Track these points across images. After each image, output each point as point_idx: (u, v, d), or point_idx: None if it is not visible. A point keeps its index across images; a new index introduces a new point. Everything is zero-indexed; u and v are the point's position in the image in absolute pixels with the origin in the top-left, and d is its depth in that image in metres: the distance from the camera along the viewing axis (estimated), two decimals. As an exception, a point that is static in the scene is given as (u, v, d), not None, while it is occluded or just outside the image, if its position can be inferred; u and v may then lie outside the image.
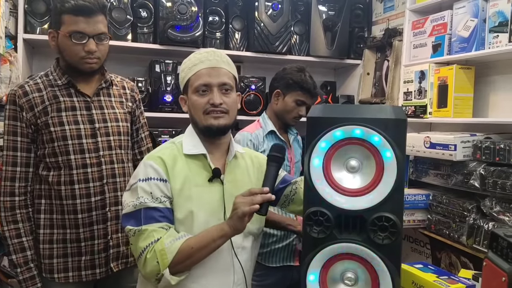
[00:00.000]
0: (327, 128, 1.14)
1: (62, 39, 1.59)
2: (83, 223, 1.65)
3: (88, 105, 1.67)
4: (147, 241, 1.24)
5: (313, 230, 1.14)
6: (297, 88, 2.07)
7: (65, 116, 1.62)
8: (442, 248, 2.35)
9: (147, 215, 1.26)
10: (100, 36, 1.60)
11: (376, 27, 3.17)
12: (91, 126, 1.66)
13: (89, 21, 1.57)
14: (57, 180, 1.62)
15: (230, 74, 1.38)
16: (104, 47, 1.64)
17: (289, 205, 1.51)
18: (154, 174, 1.30)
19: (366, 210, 1.11)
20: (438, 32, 2.37)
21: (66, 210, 1.63)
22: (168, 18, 2.67)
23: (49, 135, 1.60)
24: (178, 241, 1.23)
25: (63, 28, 1.58)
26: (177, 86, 2.73)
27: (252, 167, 1.47)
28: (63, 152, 1.61)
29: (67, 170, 1.62)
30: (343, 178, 1.16)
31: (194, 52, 1.43)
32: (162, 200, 1.28)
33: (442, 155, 2.10)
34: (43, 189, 1.65)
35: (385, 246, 1.11)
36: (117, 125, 1.72)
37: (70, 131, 1.62)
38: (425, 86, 2.38)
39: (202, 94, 1.34)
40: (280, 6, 2.90)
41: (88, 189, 1.64)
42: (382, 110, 1.15)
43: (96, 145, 1.66)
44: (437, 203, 2.22)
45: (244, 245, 1.38)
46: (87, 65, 1.61)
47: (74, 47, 1.58)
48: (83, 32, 1.56)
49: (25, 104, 1.60)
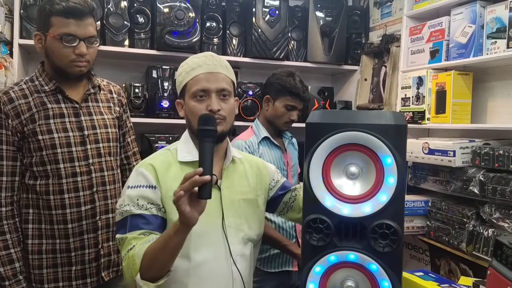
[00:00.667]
0: (326, 134, 1.12)
1: (51, 41, 1.54)
2: (73, 232, 1.61)
3: (77, 111, 1.63)
4: (126, 249, 1.22)
5: (312, 238, 1.12)
6: (286, 93, 2.07)
7: (53, 124, 1.57)
8: (441, 255, 2.33)
9: (132, 223, 1.24)
10: (90, 39, 1.57)
11: (374, 33, 3.17)
12: (80, 134, 1.61)
13: (80, 23, 1.53)
14: (46, 190, 1.58)
15: (229, 79, 1.36)
16: (93, 50, 1.60)
17: (288, 212, 1.49)
18: (143, 181, 1.28)
19: (366, 217, 1.10)
20: (436, 38, 2.36)
21: (56, 220, 1.59)
22: (165, 23, 2.66)
23: (37, 143, 1.55)
24: (145, 245, 1.19)
25: (52, 30, 1.53)
26: (174, 92, 2.72)
27: (250, 172, 1.44)
28: (52, 161, 1.56)
29: (56, 179, 1.57)
30: (343, 184, 1.14)
31: (191, 56, 1.39)
32: (147, 207, 1.26)
33: (441, 161, 2.09)
34: (31, 198, 1.60)
35: (386, 254, 1.09)
36: (106, 132, 1.69)
37: (59, 139, 1.57)
38: (423, 92, 2.38)
39: (199, 100, 1.31)
40: (277, 12, 2.90)
41: (78, 198, 1.60)
42: (382, 116, 1.13)
43: (85, 153, 1.62)
44: (436, 210, 2.21)
45: (243, 253, 1.35)
46: (76, 69, 1.57)
47: (64, 50, 1.53)
48: (74, 35, 1.52)
49: (11, 111, 1.54)
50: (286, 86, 2.06)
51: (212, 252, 1.29)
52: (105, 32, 2.61)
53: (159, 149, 2.59)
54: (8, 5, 2.40)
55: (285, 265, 2.09)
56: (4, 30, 2.25)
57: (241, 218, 1.36)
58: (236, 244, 1.32)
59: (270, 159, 2.08)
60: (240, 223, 1.35)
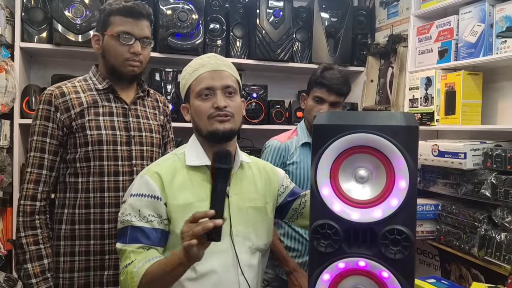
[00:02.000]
0: (334, 136, 1.08)
1: (108, 40, 1.57)
2: (109, 234, 1.57)
3: (125, 112, 1.64)
4: (124, 262, 1.20)
5: (320, 244, 1.08)
6: (313, 85, 1.94)
7: (102, 121, 1.59)
8: (452, 260, 2.27)
9: (132, 235, 1.21)
10: (145, 40, 1.60)
11: (380, 34, 3.13)
12: (126, 134, 1.62)
13: (137, 23, 1.57)
14: (86, 187, 1.56)
15: (233, 77, 1.32)
16: (147, 52, 1.63)
17: (297, 219, 1.45)
18: (146, 191, 1.24)
19: (376, 223, 1.05)
20: (444, 38, 2.32)
21: (93, 219, 1.56)
22: (168, 26, 2.62)
23: (84, 138, 1.55)
24: (146, 264, 1.16)
25: (110, 29, 1.57)
26: (177, 94, 2.68)
27: (259, 178, 1.39)
28: (97, 157, 1.56)
29: (97, 176, 1.56)
30: (351, 188, 1.10)
31: (194, 59, 1.36)
32: (149, 219, 1.22)
33: (452, 163, 2.04)
34: (68, 198, 1.58)
35: (397, 261, 1.05)
36: (151, 136, 1.69)
37: (106, 136, 1.57)
38: (432, 93, 2.33)
39: (205, 99, 1.27)
40: (281, 13, 2.86)
41: (118, 198, 1.57)
42: (392, 117, 1.09)
43: (129, 153, 1.61)
44: (446, 214, 2.15)
45: (251, 263, 1.30)
46: (130, 68, 1.59)
47: (120, 48, 1.56)
48: (131, 33, 1.56)
49: (61, 105, 1.55)
50: (313, 77, 1.95)
51: (219, 262, 1.25)
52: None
53: (163, 152, 2.60)
54: (9, 8, 2.38)
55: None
56: (5, 33, 2.23)
57: (249, 227, 1.31)
58: (244, 253, 1.27)
59: (305, 166, 1.95)
60: (248, 231, 1.30)
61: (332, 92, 1.89)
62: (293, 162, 1.96)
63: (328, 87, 1.89)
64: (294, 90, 3.31)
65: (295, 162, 1.96)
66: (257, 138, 3.02)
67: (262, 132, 2.92)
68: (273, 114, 2.94)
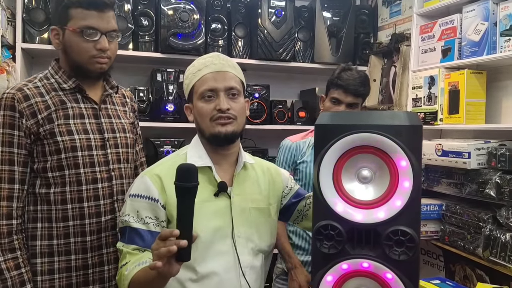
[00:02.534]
0: (336, 136, 1.07)
1: (70, 36, 1.42)
2: (92, 246, 1.46)
3: (96, 113, 1.51)
4: (120, 263, 1.21)
5: (323, 246, 1.07)
6: (330, 86, 1.92)
7: (73, 124, 1.44)
8: (456, 260, 2.25)
9: (129, 236, 1.21)
10: (112, 34, 1.45)
11: (382, 33, 3.11)
12: (100, 136, 1.49)
13: (102, 16, 1.41)
14: (62, 198, 1.43)
15: (237, 78, 1.30)
16: (115, 46, 1.48)
17: (302, 221, 1.43)
18: (145, 192, 1.23)
19: (380, 224, 1.04)
20: (448, 36, 2.30)
21: (73, 232, 1.44)
22: (169, 26, 2.61)
23: (55, 145, 1.41)
24: (135, 268, 1.15)
25: (71, 23, 1.41)
26: (179, 95, 2.67)
27: (263, 179, 1.38)
28: (71, 165, 1.43)
29: (74, 185, 1.43)
30: (354, 189, 1.09)
31: (197, 58, 1.34)
32: (146, 221, 1.21)
33: (456, 163, 2.02)
34: (40, 211, 1.43)
35: (401, 262, 1.03)
36: (125, 136, 1.58)
37: (80, 141, 1.44)
38: (435, 92, 2.31)
39: (208, 100, 1.25)
40: (283, 13, 2.85)
41: (99, 207, 1.46)
42: (396, 116, 1.07)
43: (106, 157, 1.49)
44: (450, 214, 2.13)
45: (253, 264, 1.29)
46: (97, 65, 1.45)
47: (84, 45, 1.41)
48: (96, 28, 1.40)
49: (26, 109, 1.39)
50: (330, 78, 1.92)
51: (220, 264, 1.24)
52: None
53: (165, 153, 2.59)
54: (10, 8, 2.38)
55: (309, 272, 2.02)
56: (6, 34, 2.22)
57: (252, 228, 1.30)
58: (246, 255, 1.26)
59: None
60: (250, 233, 1.29)
61: (348, 93, 1.86)
62: (303, 161, 1.97)
63: (345, 88, 1.86)
64: (296, 90, 3.29)
65: (305, 161, 1.97)
66: (259, 138, 3.00)
67: (264, 132, 2.91)
68: (275, 114, 2.92)
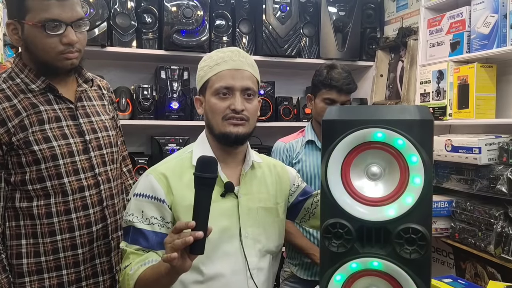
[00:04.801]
0: (345, 132, 1.04)
1: (30, 31, 1.25)
2: (84, 259, 1.36)
3: (73, 113, 1.37)
4: (124, 263, 1.19)
5: (332, 244, 1.04)
6: (321, 87, 1.92)
7: (49, 130, 1.30)
8: (467, 257, 2.22)
9: (133, 237, 1.19)
10: (78, 23, 1.28)
11: (389, 27, 3.07)
12: (81, 140, 1.36)
13: (63, 4, 1.24)
14: (47, 212, 1.31)
15: (254, 78, 1.26)
16: (83, 36, 1.32)
17: (309, 219, 1.40)
18: (150, 192, 1.20)
19: (390, 221, 1.01)
20: (456, 30, 2.25)
21: (62, 247, 1.33)
22: (173, 23, 2.59)
23: (32, 155, 1.27)
24: (141, 268, 1.14)
25: (29, 16, 1.24)
26: (183, 92, 2.65)
27: (270, 177, 1.35)
28: (53, 175, 1.30)
29: (59, 197, 1.31)
30: (363, 186, 1.06)
31: (216, 50, 1.30)
32: (151, 221, 1.19)
33: (466, 158, 1.98)
34: (24, 226, 1.31)
35: (413, 260, 1.00)
36: (108, 135, 1.45)
37: (59, 147, 1.31)
38: (444, 87, 2.26)
39: (222, 98, 1.22)
40: (288, 8, 2.82)
41: (88, 217, 1.36)
42: (406, 111, 1.04)
43: (90, 162, 1.37)
44: (461, 210, 2.09)
45: (260, 266, 1.26)
46: (67, 61, 1.29)
47: (48, 40, 1.24)
48: (59, 20, 1.23)
49: None
50: (320, 79, 1.92)
51: (227, 265, 1.21)
52: (112, 33, 2.56)
53: (170, 152, 2.57)
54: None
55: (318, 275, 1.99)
56: (9, 33, 2.20)
57: (259, 228, 1.27)
58: (253, 256, 1.23)
59: (311, 164, 1.94)
60: (258, 233, 1.26)
61: (342, 93, 1.88)
62: (298, 161, 1.96)
63: (338, 88, 1.87)
64: (302, 86, 3.26)
65: (300, 160, 1.96)
66: (265, 136, 2.98)
67: (270, 130, 2.88)
68: (281, 111, 2.89)
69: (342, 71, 1.91)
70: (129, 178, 1.67)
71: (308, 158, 1.95)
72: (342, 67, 1.95)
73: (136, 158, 2.59)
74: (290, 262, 2.03)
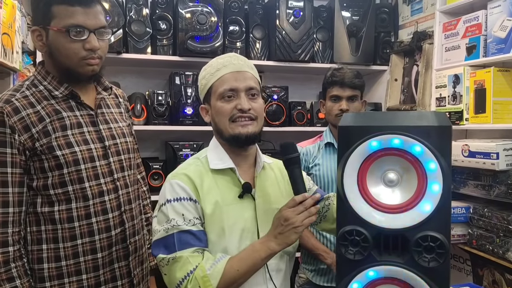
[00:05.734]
0: (361, 138, 1.03)
1: (55, 36, 1.28)
2: (103, 263, 1.37)
3: (93, 119, 1.40)
4: (185, 269, 1.13)
5: (348, 251, 1.03)
6: (327, 86, 1.98)
7: (72, 135, 1.33)
8: (484, 264, 2.18)
9: (181, 240, 1.15)
10: (101, 31, 1.32)
11: (403, 31, 3.04)
12: (101, 145, 1.39)
13: (88, 12, 1.28)
14: (68, 216, 1.32)
15: (255, 79, 1.28)
16: (105, 44, 1.36)
17: (320, 222, 1.40)
18: (183, 193, 1.20)
19: (408, 229, 1.00)
20: (472, 34, 2.23)
21: (82, 251, 1.34)
22: (187, 29, 2.61)
23: (55, 160, 1.30)
24: (219, 263, 1.13)
25: (54, 22, 1.27)
26: (197, 98, 2.66)
27: (281, 178, 1.36)
28: (75, 180, 1.32)
29: (81, 201, 1.33)
30: (380, 193, 1.05)
31: (213, 59, 1.32)
32: (195, 222, 1.18)
33: (483, 164, 1.95)
34: (45, 231, 1.32)
35: (431, 269, 0.99)
36: (126, 141, 1.48)
37: (81, 153, 1.33)
38: (460, 91, 2.24)
39: (228, 100, 1.23)
40: (302, 13, 2.81)
41: (108, 221, 1.37)
42: (423, 117, 1.03)
43: (109, 167, 1.39)
44: (478, 217, 2.06)
45: (279, 267, 1.26)
46: (88, 67, 1.33)
47: (71, 45, 1.28)
48: (83, 26, 1.28)
49: (17, 124, 1.26)
50: (325, 80, 1.99)
51: None
52: (128, 40, 2.58)
53: (184, 157, 2.58)
54: (30, 15, 2.40)
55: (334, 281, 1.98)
56: (27, 41, 2.25)
57: None
58: (272, 258, 1.22)
59: (328, 168, 1.94)
60: None
61: (345, 86, 1.92)
62: (315, 164, 1.95)
63: (340, 83, 1.92)
64: (315, 91, 3.25)
65: (317, 164, 1.95)
66: (279, 140, 2.97)
67: (284, 134, 2.87)
68: (295, 115, 2.89)
69: (346, 70, 1.96)
70: (143, 185, 1.69)
71: (326, 162, 1.95)
72: (347, 68, 2.00)
73: (151, 163, 2.60)
74: (305, 268, 2.02)
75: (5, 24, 1.86)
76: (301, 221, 1.13)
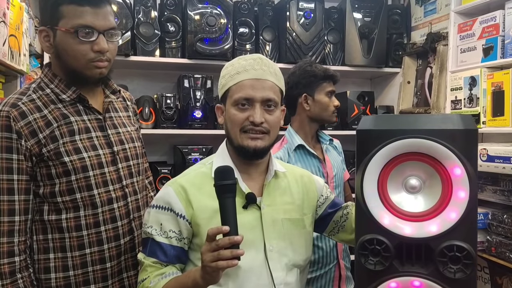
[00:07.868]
0: (381, 142, 0.98)
1: (62, 37, 1.24)
2: (112, 272, 1.33)
3: (101, 124, 1.35)
4: (141, 276, 1.19)
5: (369, 262, 0.99)
6: (320, 81, 1.91)
7: (80, 141, 1.28)
8: (504, 272, 2.11)
9: (151, 249, 1.19)
10: (110, 32, 1.28)
11: (416, 33, 2.99)
12: (109, 151, 1.34)
13: (97, 12, 1.24)
14: (76, 225, 1.28)
15: (277, 88, 1.21)
16: (114, 46, 1.31)
17: (338, 232, 1.34)
18: (169, 205, 1.18)
19: (432, 238, 0.96)
20: (489, 34, 2.17)
21: (90, 261, 1.30)
22: (196, 31, 2.57)
23: (62, 166, 1.25)
24: (162, 281, 1.14)
25: (62, 22, 1.23)
26: (207, 101, 2.62)
27: (296, 187, 1.29)
28: (83, 187, 1.28)
29: (89, 209, 1.29)
30: (402, 200, 1.00)
31: (238, 57, 1.26)
32: (169, 235, 1.18)
33: (503, 169, 1.88)
34: (52, 240, 1.28)
35: (457, 280, 0.94)
36: (134, 146, 1.43)
37: (89, 159, 1.29)
38: (477, 93, 2.18)
39: (241, 109, 1.18)
40: (312, 15, 2.77)
41: (116, 229, 1.33)
42: (448, 120, 0.99)
43: (118, 173, 1.35)
44: (497, 223, 1.99)
45: (287, 281, 1.20)
46: (96, 70, 1.28)
47: (80, 47, 1.23)
48: (92, 27, 1.23)
49: (24, 129, 1.22)
50: (317, 74, 1.91)
51: (251, 281, 1.16)
52: (136, 42, 2.55)
53: (193, 161, 2.54)
54: (38, 18, 2.38)
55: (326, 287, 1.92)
56: (34, 43, 2.22)
57: (285, 241, 1.21)
58: (279, 271, 1.18)
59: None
60: (283, 246, 1.21)
61: (336, 82, 1.99)
62: None
63: (334, 79, 1.97)
64: (326, 94, 3.20)
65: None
66: (289, 144, 2.92)
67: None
68: (305, 119, 2.83)
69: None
70: (150, 190, 1.65)
71: (302, 166, 1.84)
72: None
73: (159, 168, 2.57)
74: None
75: (12, 26, 1.84)
76: (209, 261, 1.00)
